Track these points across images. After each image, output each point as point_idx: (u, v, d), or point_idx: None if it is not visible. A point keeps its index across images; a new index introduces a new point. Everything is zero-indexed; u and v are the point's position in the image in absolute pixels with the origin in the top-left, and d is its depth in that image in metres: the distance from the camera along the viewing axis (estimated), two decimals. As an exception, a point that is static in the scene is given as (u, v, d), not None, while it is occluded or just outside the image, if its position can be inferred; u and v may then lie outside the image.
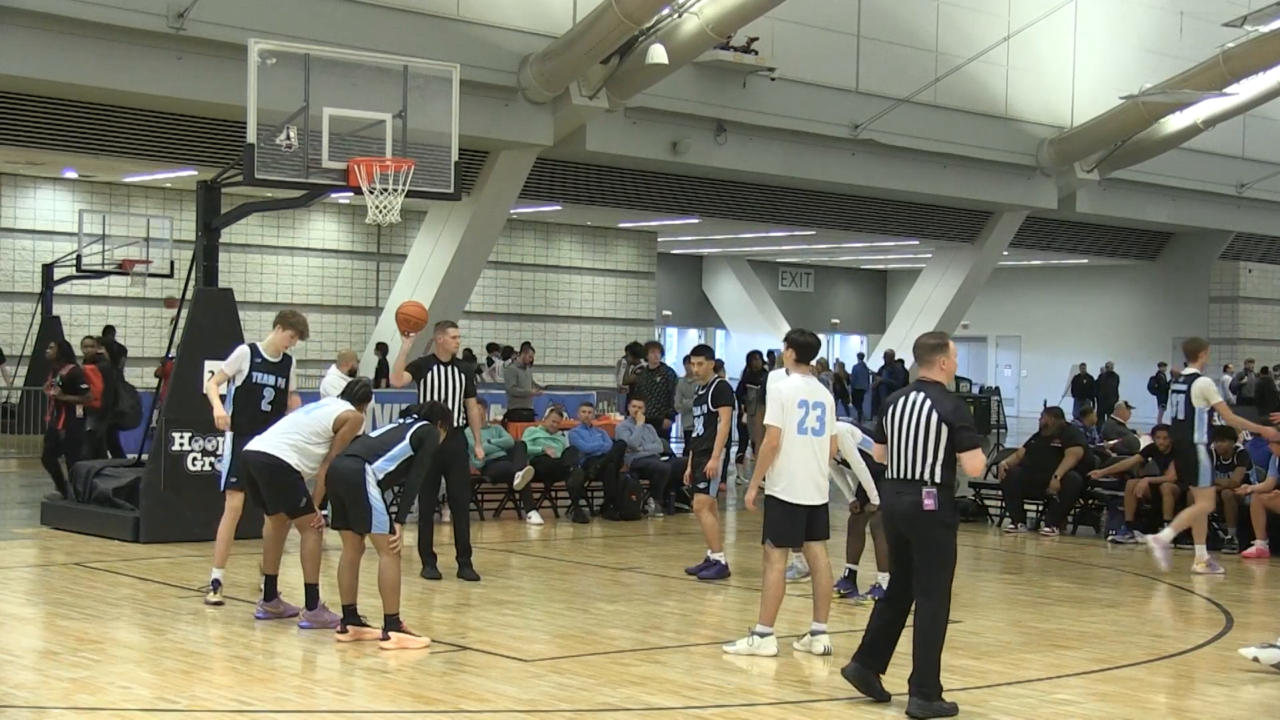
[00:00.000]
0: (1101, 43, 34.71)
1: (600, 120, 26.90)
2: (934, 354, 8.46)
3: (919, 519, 8.23)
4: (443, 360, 12.70)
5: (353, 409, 10.57)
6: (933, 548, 8.25)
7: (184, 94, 22.47)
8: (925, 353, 8.52)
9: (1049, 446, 17.18)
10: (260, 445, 10.40)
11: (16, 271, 30.71)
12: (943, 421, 8.19)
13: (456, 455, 12.55)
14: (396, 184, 13.93)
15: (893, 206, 34.76)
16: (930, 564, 8.25)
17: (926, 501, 8.18)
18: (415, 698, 8.50)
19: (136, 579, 12.27)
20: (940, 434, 8.20)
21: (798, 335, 10.16)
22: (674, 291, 46.40)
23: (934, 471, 8.21)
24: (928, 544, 8.26)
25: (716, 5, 24.90)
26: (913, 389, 8.41)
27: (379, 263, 35.42)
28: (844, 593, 11.86)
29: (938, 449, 8.21)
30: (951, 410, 8.25)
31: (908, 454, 8.30)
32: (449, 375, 12.63)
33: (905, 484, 8.31)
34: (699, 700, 8.53)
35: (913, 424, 8.28)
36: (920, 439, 8.25)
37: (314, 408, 10.66)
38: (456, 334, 12.87)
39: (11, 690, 8.39)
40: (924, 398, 8.31)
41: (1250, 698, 9.12)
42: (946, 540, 8.27)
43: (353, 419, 10.50)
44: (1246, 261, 43.68)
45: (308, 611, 10.37)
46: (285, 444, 10.33)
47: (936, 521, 8.22)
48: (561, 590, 12.44)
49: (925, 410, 8.27)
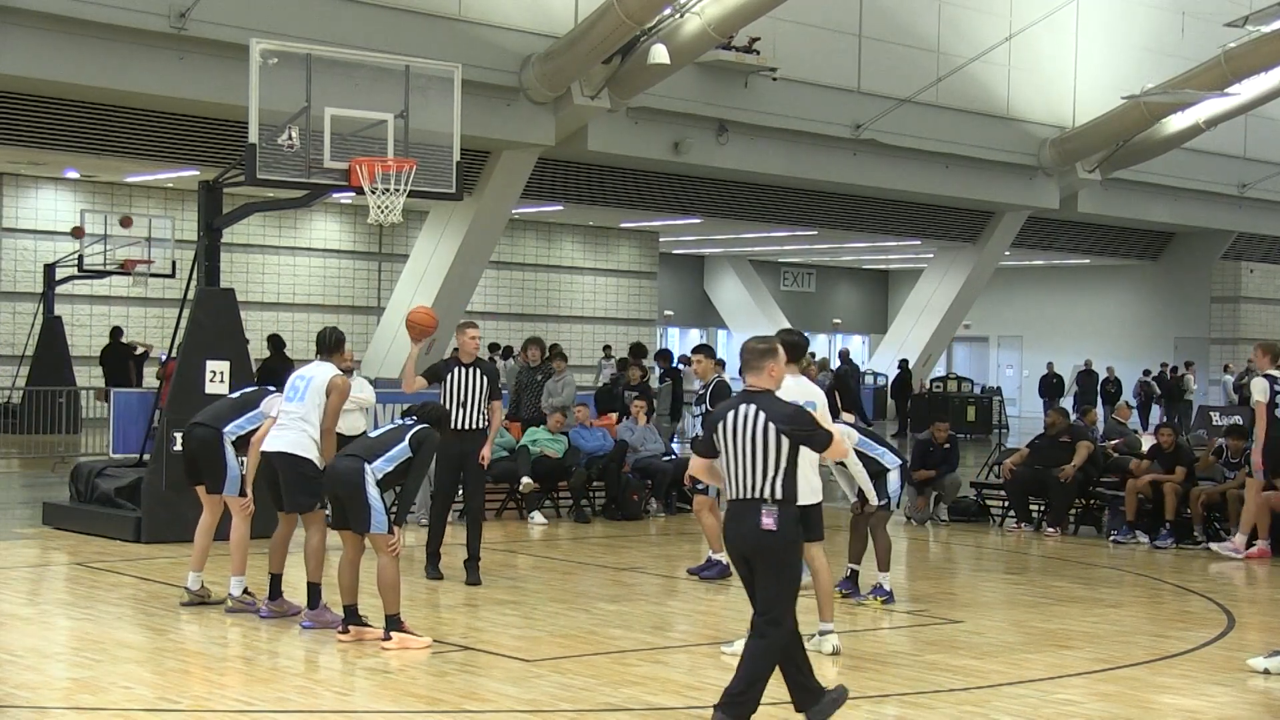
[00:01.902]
0: (1103, 43, 34.72)
1: (602, 120, 26.92)
2: (763, 360, 7.63)
3: (760, 540, 7.39)
4: (465, 362, 12.56)
5: (339, 373, 10.59)
6: (777, 571, 7.43)
7: (186, 94, 22.50)
8: (754, 358, 7.67)
9: (1057, 443, 17.17)
10: (280, 444, 10.38)
11: (18, 271, 30.72)
12: (782, 433, 7.40)
13: (472, 456, 12.48)
14: (398, 184, 13.93)
15: (894, 206, 34.77)
16: (772, 589, 7.43)
17: (765, 520, 7.35)
18: (417, 698, 8.50)
19: (138, 579, 12.27)
20: (779, 446, 7.40)
21: (786, 335, 10.13)
22: (676, 291, 46.41)
23: (774, 487, 7.40)
24: (771, 567, 7.43)
25: (718, 5, 24.91)
26: (741, 400, 7.57)
27: (380, 263, 35.43)
28: (845, 593, 11.85)
29: (777, 462, 7.41)
30: (790, 417, 7.47)
31: (744, 471, 7.44)
32: (471, 376, 12.49)
33: (744, 504, 7.45)
34: (700, 700, 8.53)
35: (747, 438, 7.44)
36: (756, 454, 7.41)
37: (303, 389, 10.55)
38: (477, 335, 12.70)
39: (13, 690, 8.39)
40: (755, 409, 7.47)
41: (1252, 697, 9.12)
42: (792, 562, 7.49)
43: (340, 385, 10.51)
44: (1248, 261, 43.69)
45: (309, 611, 10.37)
46: (308, 440, 10.34)
47: (779, 542, 7.39)
48: (563, 590, 12.44)
49: (759, 422, 7.43)
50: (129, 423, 21.77)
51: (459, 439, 12.25)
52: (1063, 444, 17.11)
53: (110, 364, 27.78)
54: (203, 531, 11.02)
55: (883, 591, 11.88)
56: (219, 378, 14.23)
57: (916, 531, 17.13)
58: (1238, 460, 15.95)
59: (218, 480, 10.83)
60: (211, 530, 11.03)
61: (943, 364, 44.50)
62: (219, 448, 10.81)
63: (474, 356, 12.62)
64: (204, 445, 10.83)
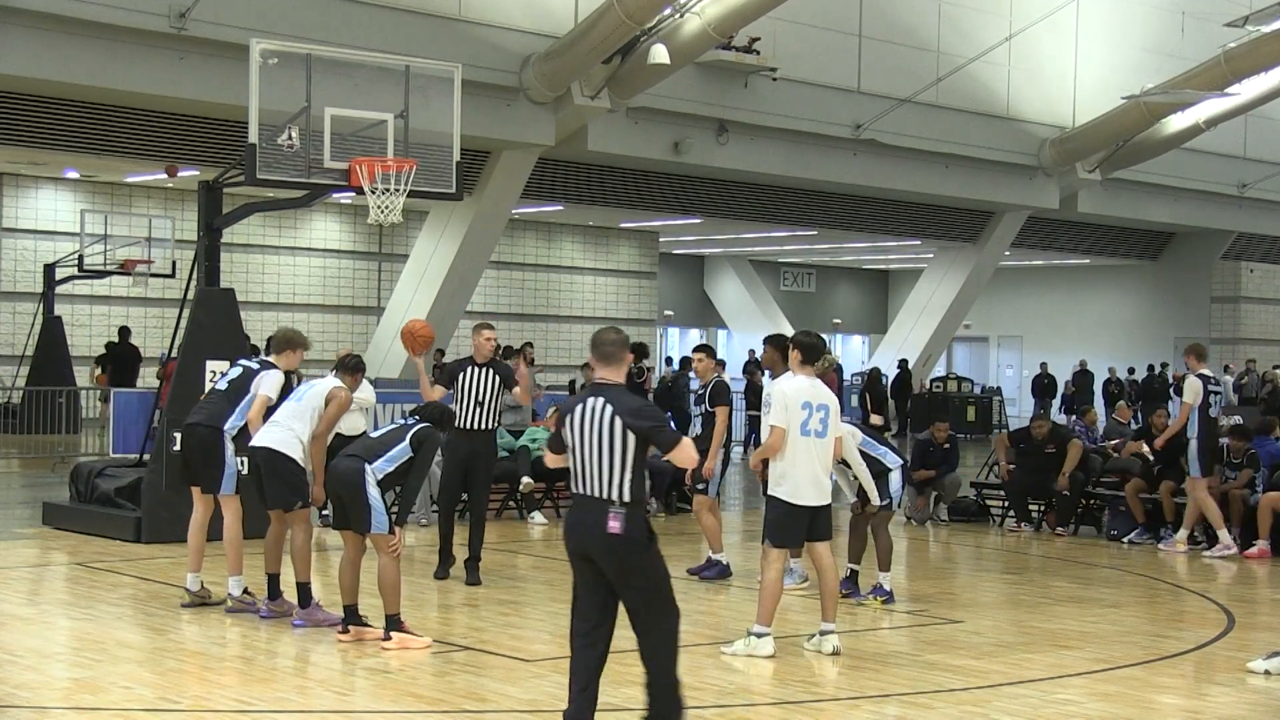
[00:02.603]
0: (1103, 43, 34.72)
1: (602, 120, 26.91)
2: (622, 350, 7.27)
3: (608, 545, 7.01)
4: (479, 362, 12.63)
5: (342, 386, 10.62)
6: (636, 577, 7.05)
7: (186, 94, 22.50)
8: (610, 349, 7.27)
9: (1043, 453, 17.16)
10: (266, 440, 10.41)
11: (18, 271, 30.72)
12: (628, 429, 7.03)
13: (479, 456, 12.56)
14: (398, 184, 13.93)
15: (894, 206, 34.77)
16: (639, 596, 7.07)
17: (611, 524, 6.97)
18: (416, 698, 8.50)
19: (138, 579, 12.27)
20: (626, 443, 7.02)
21: (802, 336, 10.13)
22: (676, 291, 46.40)
23: (621, 487, 7.02)
24: (629, 573, 7.04)
25: (718, 5, 24.91)
26: (590, 393, 7.21)
27: (380, 263, 35.43)
28: (846, 593, 11.85)
29: (623, 460, 7.02)
30: (636, 412, 7.07)
31: (590, 469, 7.08)
32: (484, 377, 12.56)
33: (590, 503, 7.07)
34: (700, 700, 8.52)
35: (594, 434, 7.07)
36: (604, 450, 7.05)
37: (304, 393, 10.64)
38: (492, 335, 12.79)
39: (13, 690, 8.39)
40: (604, 403, 7.10)
41: (1252, 697, 9.12)
42: (651, 563, 7.08)
43: (341, 397, 10.55)
44: (1248, 261, 43.69)
45: (301, 610, 10.37)
46: (293, 437, 10.35)
47: (629, 545, 7.00)
48: (563, 590, 12.35)
49: (607, 417, 7.07)
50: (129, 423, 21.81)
51: (468, 439, 12.39)
52: (1049, 454, 17.08)
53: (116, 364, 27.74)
54: (195, 530, 11.02)
55: (883, 591, 11.88)
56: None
57: (916, 531, 17.13)
58: (1239, 460, 15.95)
59: (215, 479, 10.84)
60: (204, 528, 11.03)
61: (943, 364, 44.50)
62: (219, 447, 10.82)
63: (488, 357, 12.69)
64: (203, 443, 10.85)
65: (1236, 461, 15.99)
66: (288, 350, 11.14)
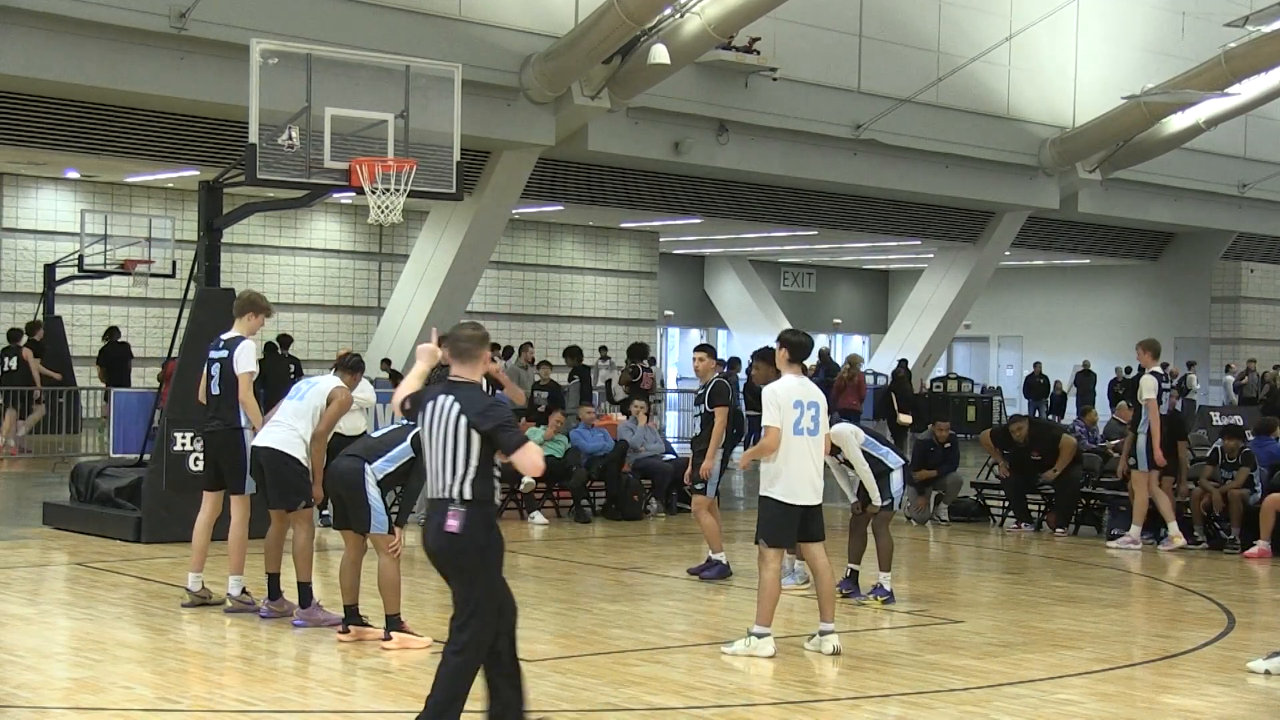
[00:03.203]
0: (1103, 43, 34.72)
1: (602, 120, 26.91)
2: (480, 347, 7.16)
3: (443, 543, 6.87)
4: None
5: (343, 386, 10.64)
6: (461, 579, 6.88)
7: (186, 94, 22.50)
8: (466, 346, 7.15)
9: (1029, 459, 17.18)
10: (268, 440, 10.41)
11: (19, 271, 30.72)
12: (473, 427, 6.87)
13: None
14: (398, 184, 13.93)
15: (895, 206, 34.77)
16: (460, 599, 6.90)
17: (449, 522, 6.81)
18: (417, 698, 8.48)
19: (138, 579, 12.27)
20: (470, 442, 6.87)
21: (790, 335, 10.13)
22: (676, 291, 46.40)
23: (463, 486, 6.87)
24: (455, 575, 6.90)
25: (718, 5, 24.91)
26: (441, 390, 7.05)
27: (381, 263, 35.43)
28: (846, 593, 11.85)
29: (468, 459, 6.87)
30: (482, 412, 6.91)
31: (437, 467, 6.94)
32: None
33: (436, 503, 6.93)
34: (700, 700, 8.53)
35: (441, 432, 6.93)
36: (449, 449, 6.90)
37: (305, 391, 10.64)
38: None
39: (14, 690, 8.39)
40: (452, 401, 6.95)
41: (1252, 697, 9.12)
42: (477, 570, 6.89)
43: (341, 397, 10.55)
44: (1248, 261, 43.69)
45: (301, 610, 10.37)
46: (295, 437, 10.35)
47: (462, 546, 6.84)
48: (564, 590, 12.44)
49: (453, 415, 6.93)
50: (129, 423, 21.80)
51: None
52: (1035, 461, 17.08)
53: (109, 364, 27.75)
54: (201, 529, 11.02)
55: (883, 591, 11.88)
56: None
57: (917, 531, 17.13)
58: (1235, 460, 15.97)
59: (240, 481, 10.83)
60: (209, 528, 11.03)
61: (943, 364, 44.49)
62: (239, 446, 10.81)
63: None
64: (226, 446, 10.83)
65: (1232, 461, 16.00)
66: (249, 313, 11.06)
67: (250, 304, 11.18)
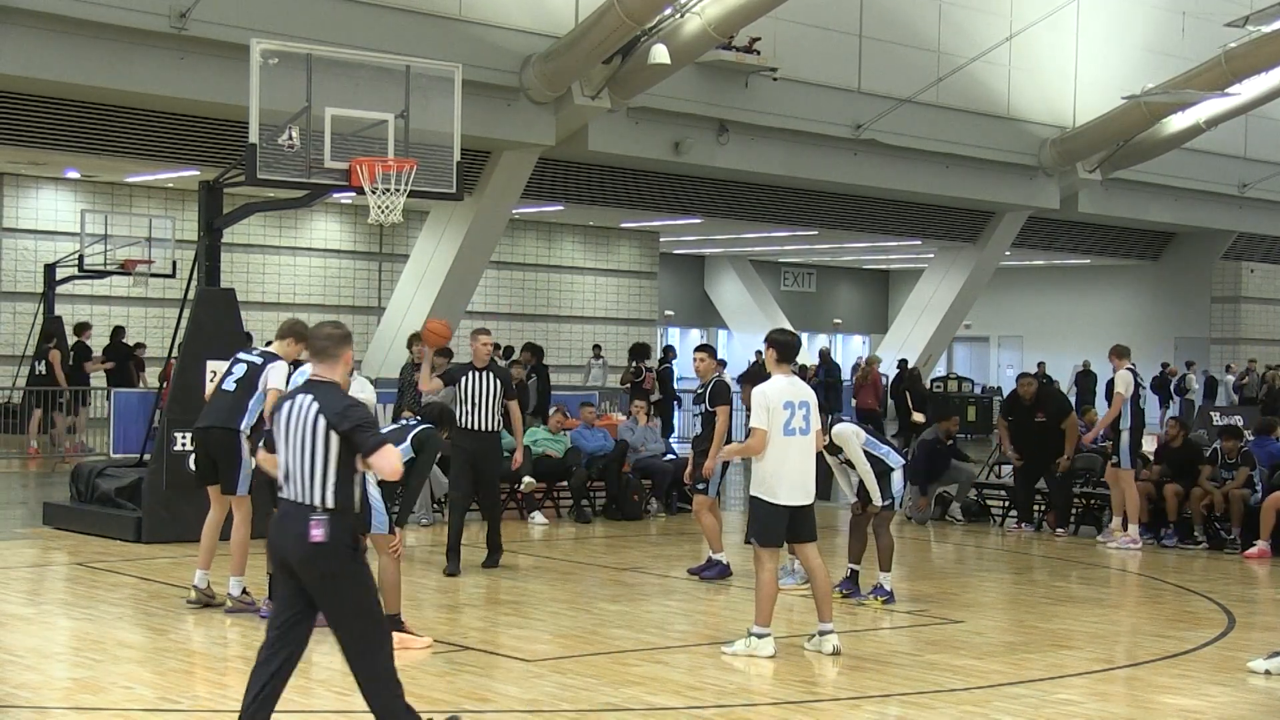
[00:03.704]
0: (1103, 43, 34.72)
1: (602, 120, 26.91)
2: (340, 346, 6.83)
3: (309, 554, 6.53)
4: (478, 366, 13.17)
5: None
6: (339, 592, 6.57)
7: (186, 94, 22.49)
8: (324, 344, 6.84)
9: (1033, 422, 16.91)
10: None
11: (19, 271, 30.72)
12: (332, 429, 6.56)
13: (485, 456, 13.08)
14: (399, 184, 13.94)
15: (895, 207, 34.77)
16: (340, 613, 6.61)
17: (313, 532, 6.50)
18: (417, 698, 8.48)
19: (139, 579, 12.27)
20: (330, 444, 6.56)
21: (778, 335, 10.14)
22: (676, 291, 46.40)
23: (324, 493, 6.55)
24: (330, 587, 6.56)
25: (718, 5, 24.91)
26: (300, 390, 6.76)
27: (381, 263, 35.44)
28: (846, 593, 11.85)
29: (326, 462, 6.56)
30: (340, 412, 6.58)
31: (295, 471, 6.61)
32: (484, 381, 13.10)
33: (293, 509, 6.60)
34: (700, 700, 8.53)
35: (300, 434, 6.62)
36: (309, 453, 6.58)
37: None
38: (489, 341, 13.37)
39: (14, 690, 8.39)
40: (311, 400, 6.65)
41: (1252, 697, 9.12)
42: (356, 576, 6.61)
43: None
44: (1249, 261, 43.70)
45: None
46: None
47: (332, 555, 6.53)
48: (564, 590, 12.44)
49: (311, 416, 6.61)
50: (129, 423, 21.79)
51: (473, 440, 12.92)
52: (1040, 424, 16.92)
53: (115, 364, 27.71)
54: (210, 529, 11.03)
55: (883, 591, 11.88)
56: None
57: (917, 531, 17.13)
58: (1234, 460, 15.97)
59: (233, 480, 10.85)
60: (218, 528, 11.05)
61: (943, 364, 44.49)
62: (235, 448, 10.82)
63: (486, 361, 13.20)
64: (221, 446, 10.84)
65: (1231, 461, 16.00)
66: (290, 339, 10.99)
67: (293, 331, 11.07)
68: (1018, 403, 17.35)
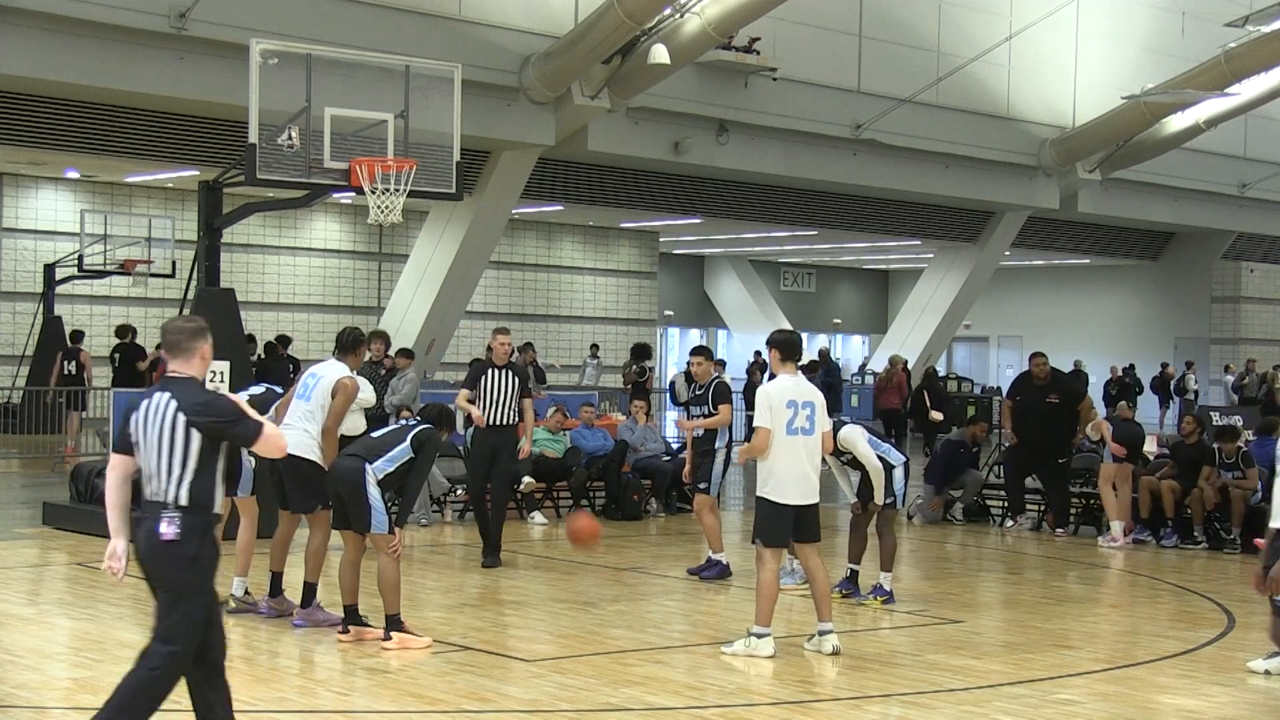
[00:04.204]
0: (1103, 42, 34.72)
1: (602, 120, 26.91)
2: (193, 341, 6.66)
3: (157, 551, 6.38)
4: (497, 364, 13.54)
5: (349, 375, 10.53)
6: (170, 589, 6.40)
7: (186, 94, 22.50)
8: (182, 339, 6.66)
9: (1045, 402, 16.70)
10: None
11: (18, 271, 30.73)
12: (191, 425, 6.38)
13: (499, 451, 13.44)
14: (398, 184, 13.94)
15: (894, 206, 34.78)
16: (165, 608, 6.41)
17: (164, 529, 6.33)
18: (417, 698, 8.50)
19: (138, 579, 12.22)
20: (189, 441, 6.38)
21: (780, 335, 10.17)
22: (676, 291, 46.42)
23: (179, 490, 6.38)
24: (164, 583, 6.42)
25: (718, 5, 24.92)
26: (158, 388, 6.56)
27: (380, 263, 35.44)
28: (845, 593, 11.85)
29: (185, 459, 6.38)
30: (202, 407, 6.42)
31: (153, 469, 6.43)
32: (503, 378, 13.48)
33: (151, 508, 6.43)
34: (701, 700, 8.53)
35: (157, 431, 6.42)
36: (165, 450, 6.40)
37: (311, 388, 10.54)
38: (507, 340, 13.68)
39: (13, 690, 8.39)
40: (169, 398, 6.45)
41: (1252, 697, 9.12)
42: (188, 581, 6.40)
43: (348, 386, 10.45)
44: (1248, 262, 43.70)
45: (302, 610, 10.37)
46: (309, 440, 10.31)
47: (176, 555, 6.36)
48: (563, 590, 12.44)
49: (170, 413, 6.41)
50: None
51: (493, 434, 13.39)
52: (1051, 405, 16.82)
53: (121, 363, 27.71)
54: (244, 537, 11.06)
55: (883, 591, 11.87)
56: (219, 378, 14.24)
57: (917, 531, 17.12)
58: (1233, 460, 15.97)
59: (233, 482, 10.84)
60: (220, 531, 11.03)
61: (943, 364, 44.50)
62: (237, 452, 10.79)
63: (506, 359, 13.59)
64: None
65: (1230, 462, 15.99)
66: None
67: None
68: (1028, 383, 17.03)
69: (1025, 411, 16.90)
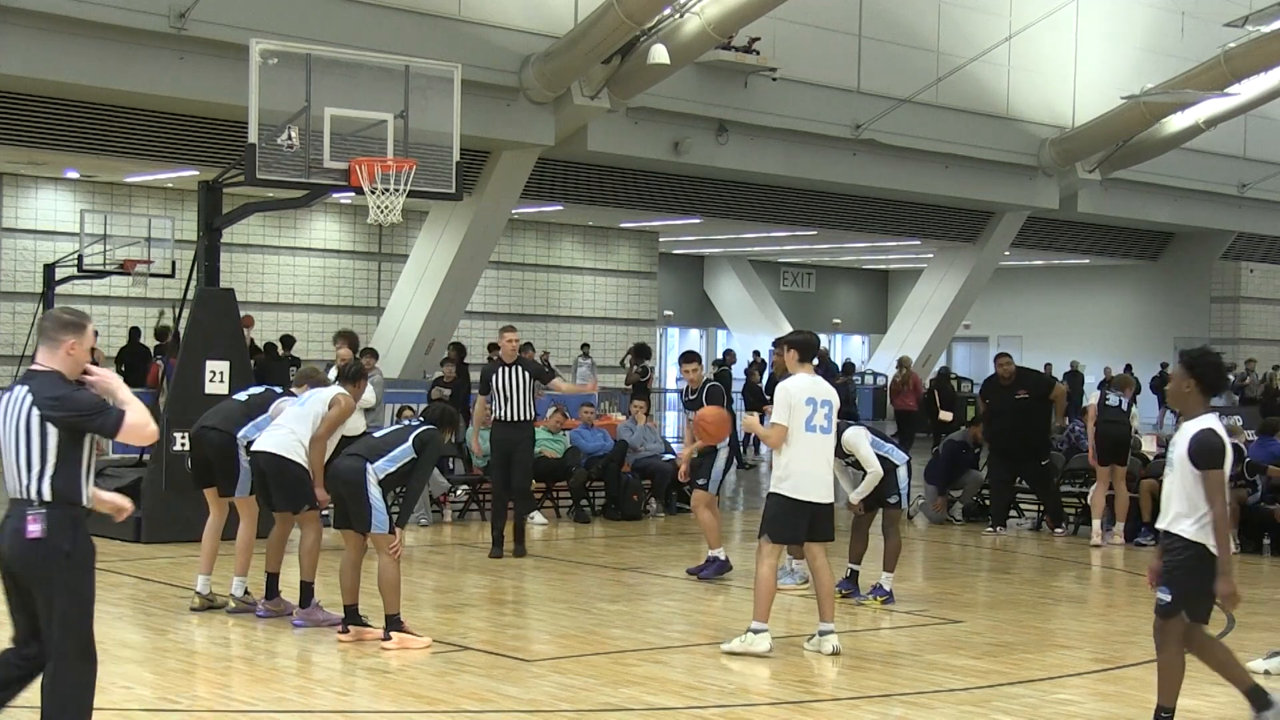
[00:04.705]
0: (1103, 42, 34.72)
1: (602, 120, 26.91)
2: (63, 333, 6.40)
3: (26, 551, 6.19)
4: (507, 362, 13.81)
5: (345, 393, 10.61)
6: (53, 590, 6.21)
7: (185, 94, 22.48)
8: (51, 330, 6.43)
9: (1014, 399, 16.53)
10: (267, 445, 10.42)
11: (18, 271, 30.72)
12: (46, 419, 6.19)
13: (517, 445, 13.81)
14: (398, 184, 13.95)
15: (894, 206, 34.77)
16: (53, 612, 6.23)
17: (30, 527, 6.15)
18: (416, 698, 8.50)
19: (138, 579, 12.26)
20: (46, 435, 6.19)
21: (797, 335, 10.24)
22: (676, 291, 46.40)
23: (41, 485, 6.21)
24: (44, 585, 6.20)
25: (718, 5, 24.91)
26: (20, 381, 6.40)
27: (380, 263, 35.42)
28: (845, 593, 11.85)
29: (43, 454, 6.19)
30: (58, 401, 6.21)
31: (12, 466, 6.23)
32: (515, 375, 13.79)
33: (14, 506, 6.24)
34: (700, 700, 8.53)
35: (14, 426, 6.23)
36: (23, 445, 6.20)
37: (308, 396, 10.65)
38: (515, 337, 13.96)
39: (13, 690, 8.38)
40: (26, 391, 6.26)
41: (1252, 698, 9.11)
42: (71, 577, 6.27)
43: (344, 401, 10.53)
44: (1248, 262, 43.69)
45: (301, 610, 10.38)
46: (294, 440, 10.35)
47: (48, 552, 6.20)
48: (563, 590, 12.44)
49: (25, 407, 6.22)
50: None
51: (509, 430, 13.77)
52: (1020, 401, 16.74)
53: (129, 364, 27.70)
54: (210, 533, 11.01)
55: (883, 591, 11.88)
56: (219, 378, 14.25)
57: (917, 531, 17.12)
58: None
59: (230, 483, 10.84)
60: (219, 532, 11.03)
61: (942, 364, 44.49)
62: (233, 452, 10.81)
63: (515, 356, 13.86)
64: (218, 450, 10.83)
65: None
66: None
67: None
68: (996, 384, 16.99)
69: (997, 412, 16.85)
